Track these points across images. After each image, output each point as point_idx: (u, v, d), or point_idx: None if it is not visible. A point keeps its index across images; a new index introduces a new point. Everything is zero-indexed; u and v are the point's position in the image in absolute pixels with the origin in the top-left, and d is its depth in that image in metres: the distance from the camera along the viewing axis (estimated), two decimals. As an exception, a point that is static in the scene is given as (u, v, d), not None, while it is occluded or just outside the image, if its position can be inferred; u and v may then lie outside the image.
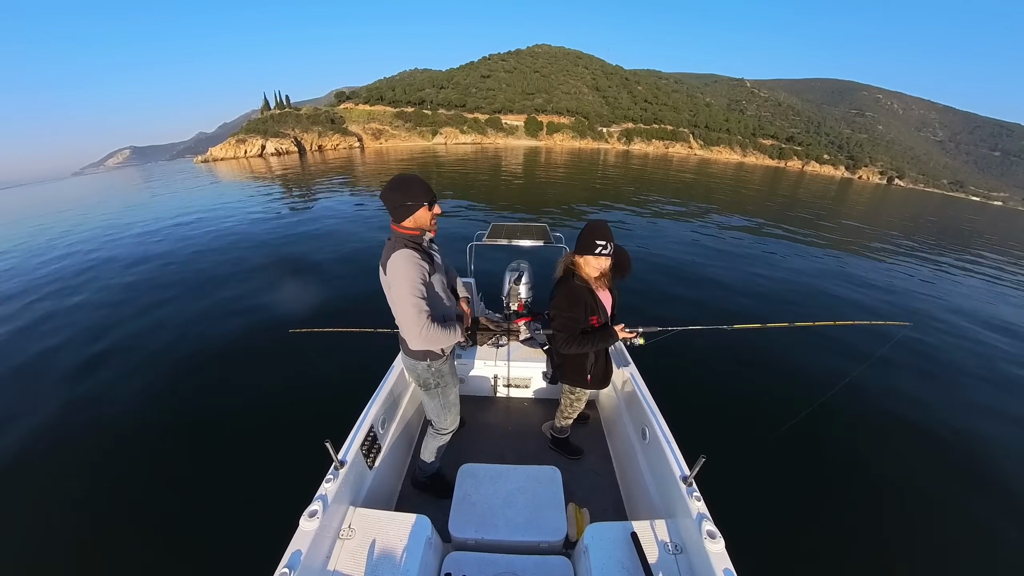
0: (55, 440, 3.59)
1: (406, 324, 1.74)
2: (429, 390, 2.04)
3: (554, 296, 2.08)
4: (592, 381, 2.21)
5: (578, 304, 1.96)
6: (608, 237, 1.90)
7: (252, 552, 1.79)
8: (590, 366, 2.15)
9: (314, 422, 2.46)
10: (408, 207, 1.72)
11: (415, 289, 1.69)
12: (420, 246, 1.78)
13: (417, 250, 1.73)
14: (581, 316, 1.97)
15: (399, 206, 1.71)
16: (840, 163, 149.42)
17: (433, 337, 1.76)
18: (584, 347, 1.99)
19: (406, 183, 1.73)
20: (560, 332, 2.01)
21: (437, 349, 1.92)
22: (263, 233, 10.82)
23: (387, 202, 1.72)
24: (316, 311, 5.74)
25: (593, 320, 1.99)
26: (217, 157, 66.84)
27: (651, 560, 1.56)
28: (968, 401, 4.62)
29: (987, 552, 2.88)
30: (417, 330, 1.72)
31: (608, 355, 2.23)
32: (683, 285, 7.42)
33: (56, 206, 22.62)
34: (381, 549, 1.59)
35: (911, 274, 10.26)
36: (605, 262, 1.94)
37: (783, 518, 2.98)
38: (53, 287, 7.54)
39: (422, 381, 2.01)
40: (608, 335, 2.00)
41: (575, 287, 1.97)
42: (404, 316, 1.72)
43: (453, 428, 2.20)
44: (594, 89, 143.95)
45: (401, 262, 1.69)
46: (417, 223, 1.77)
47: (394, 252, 1.70)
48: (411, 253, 1.70)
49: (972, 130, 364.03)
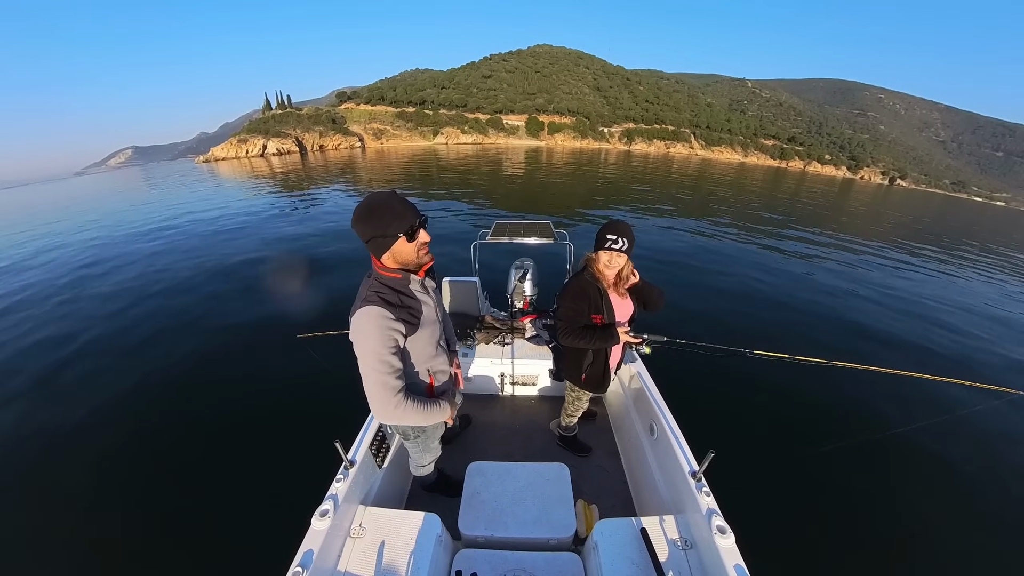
0: (71, 440, 3.61)
1: (372, 401, 1.40)
2: (409, 440, 1.84)
3: (563, 287, 2.09)
4: (587, 382, 2.18)
5: (581, 297, 1.95)
6: (622, 233, 1.83)
7: (265, 552, 1.80)
8: (586, 365, 2.13)
9: (324, 424, 2.46)
10: (381, 241, 1.32)
11: (380, 363, 1.33)
12: (401, 294, 1.40)
13: (390, 304, 1.34)
14: (584, 309, 1.95)
15: (370, 239, 1.32)
16: (842, 163, 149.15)
17: (407, 416, 1.45)
18: (581, 341, 1.95)
19: (374, 209, 1.29)
20: (560, 321, 2.01)
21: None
22: (264, 235, 10.80)
23: (358, 234, 1.32)
24: (323, 315, 5.72)
25: (596, 319, 1.97)
26: (218, 157, 67.04)
27: (661, 556, 1.56)
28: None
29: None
30: (385, 411, 1.41)
31: (607, 360, 2.16)
32: (724, 299, 6.82)
33: (67, 206, 22.68)
34: (392, 547, 1.60)
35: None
36: (618, 259, 1.88)
37: (793, 513, 2.98)
38: (46, 296, 7.55)
39: (401, 431, 1.81)
40: (609, 335, 1.95)
41: (583, 280, 1.96)
42: (369, 391, 1.39)
43: (433, 462, 2.07)
44: (595, 89, 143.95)
45: (363, 325, 1.32)
46: (398, 260, 1.37)
47: (359, 308, 1.33)
48: (378, 312, 1.31)
49: (975, 130, 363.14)
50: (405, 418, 1.45)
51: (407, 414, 1.44)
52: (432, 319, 1.54)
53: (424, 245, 1.40)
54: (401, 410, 1.41)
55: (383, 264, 1.38)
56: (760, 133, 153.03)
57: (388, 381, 1.36)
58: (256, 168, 38.23)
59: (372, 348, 1.32)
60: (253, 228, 11.55)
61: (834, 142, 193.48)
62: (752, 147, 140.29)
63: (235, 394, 4.20)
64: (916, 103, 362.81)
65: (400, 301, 1.39)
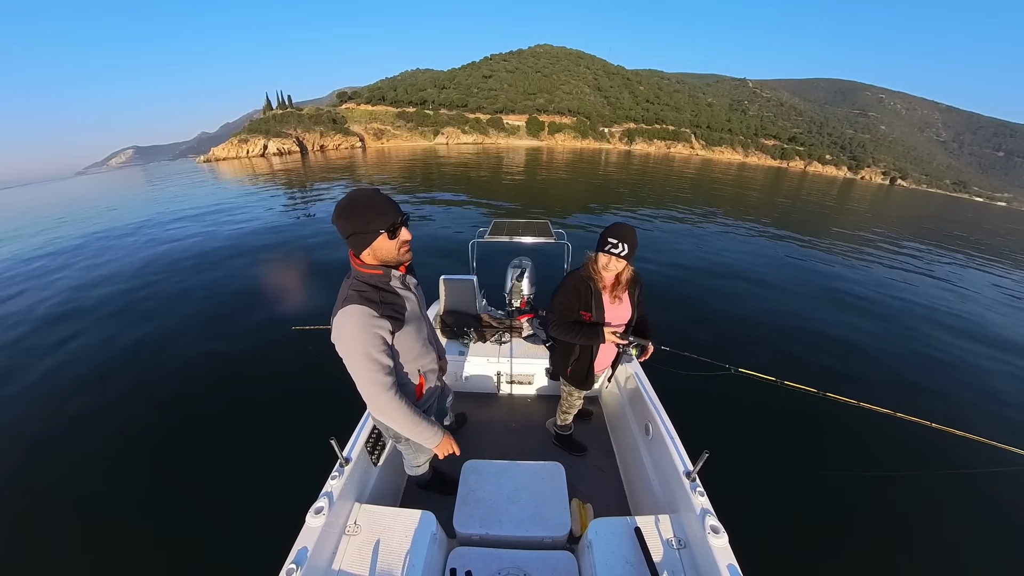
0: (61, 439, 3.61)
1: (365, 396, 1.39)
2: (400, 442, 1.79)
3: (561, 282, 2.14)
4: (571, 376, 2.24)
5: (573, 292, 1.98)
6: (623, 238, 1.79)
7: (259, 549, 1.79)
8: (572, 359, 2.18)
9: (319, 420, 2.46)
10: (363, 237, 1.30)
11: (368, 360, 1.32)
12: (382, 290, 1.39)
13: (372, 302, 1.32)
14: (573, 304, 1.98)
15: (350, 235, 1.30)
16: (842, 163, 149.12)
17: (397, 418, 1.44)
18: (567, 335, 2.00)
19: (357, 205, 1.27)
20: (551, 312, 2.08)
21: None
22: (265, 232, 10.84)
23: (339, 230, 1.31)
24: (319, 309, 5.73)
25: (585, 315, 1.99)
26: (219, 157, 67.00)
27: (655, 555, 1.56)
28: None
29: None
30: (377, 406, 1.40)
31: (592, 359, 2.16)
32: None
33: (67, 204, 22.72)
34: (387, 545, 1.60)
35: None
36: (616, 264, 1.87)
37: (786, 512, 2.98)
38: (44, 296, 7.56)
39: (394, 436, 1.73)
40: (594, 333, 1.96)
41: (578, 277, 1.99)
42: (363, 391, 1.38)
43: (427, 462, 2.05)
44: (596, 89, 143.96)
45: (346, 325, 1.29)
46: (378, 257, 1.36)
47: (340, 308, 1.31)
48: (360, 311, 1.29)
49: (975, 130, 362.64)
50: (396, 419, 1.44)
51: (397, 415, 1.43)
52: (416, 315, 1.53)
53: (405, 243, 1.39)
54: (394, 407, 1.40)
55: (362, 261, 1.37)
56: (761, 133, 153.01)
57: (378, 378, 1.35)
58: (257, 168, 38.24)
59: (358, 347, 1.30)
60: (251, 226, 11.56)
61: (835, 142, 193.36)
62: (753, 147, 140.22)
63: (230, 389, 4.20)
64: (917, 103, 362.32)
65: (382, 298, 1.37)
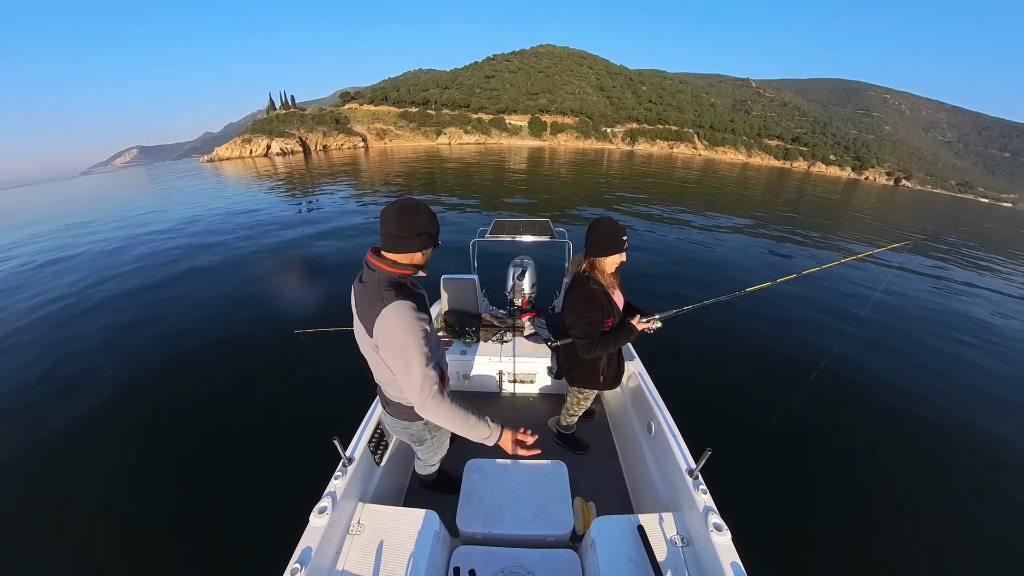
0: (63, 439, 3.63)
1: (420, 392, 1.36)
2: (424, 443, 1.81)
3: (569, 302, 2.03)
4: (604, 382, 2.19)
5: (596, 307, 1.91)
6: (623, 231, 1.89)
7: (263, 548, 1.80)
8: (603, 368, 2.13)
9: (322, 421, 2.46)
10: (427, 239, 1.39)
11: (421, 355, 1.34)
12: (413, 290, 1.44)
13: (412, 296, 1.38)
14: (599, 319, 1.92)
15: (420, 234, 1.37)
16: (846, 164, 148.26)
17: (443, 414, 1.41)
18: (607, 348, 1.94)
19: (429, 211, 1.39)
20: (581, 339, 1.92)
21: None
22: (266, 233, 10.85)
23: (398, 225, 1.33)
24: (321, 311, 5.75)
25: (608, 323, 1.96)
26: (223, 157, 67.17)
27: (658, 553, 1.56)
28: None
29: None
30: (433, 402, 1.38)
31: (620, 354, 2.20)
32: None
33: (77, 205, 22.85)
34: (390, 544, 1.60)
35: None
36: (623, 256, 1.93)
37: (789, 510, 2.98)
38: (43, 297, 7.59)
39: (416, 439, 1.77)
40: (628, 331, 1.97)
41: (591, 290, 1.92)
42: (414, 386, 1.36)
43: (439, 462, 2.08)
44: (598, 89, 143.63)
45: (400, 319, 1.32)
46: (415, 260, 1.44)
47: (386, 306, 1.32)
48: (409, 306, 1.34)
49: (981, 131, 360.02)
50: (450, 415, 1.41)
51: (451, 411, 1.40)
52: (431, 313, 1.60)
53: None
54: (447, 403, 1.40)
55: (395, 261, 1.40)
56: (764, 133, 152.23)
57: (432, 374, 1.36)
58: (260, 167, 38.38)
59: (411, 342, 1.33)
60: (251, 226, 11.60)
61: (839, 142, 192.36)
62: (756, 147, 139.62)
63: (233, 390, 4.22)
64: (922, 103, 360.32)
65: (415, 293, 1.46)
